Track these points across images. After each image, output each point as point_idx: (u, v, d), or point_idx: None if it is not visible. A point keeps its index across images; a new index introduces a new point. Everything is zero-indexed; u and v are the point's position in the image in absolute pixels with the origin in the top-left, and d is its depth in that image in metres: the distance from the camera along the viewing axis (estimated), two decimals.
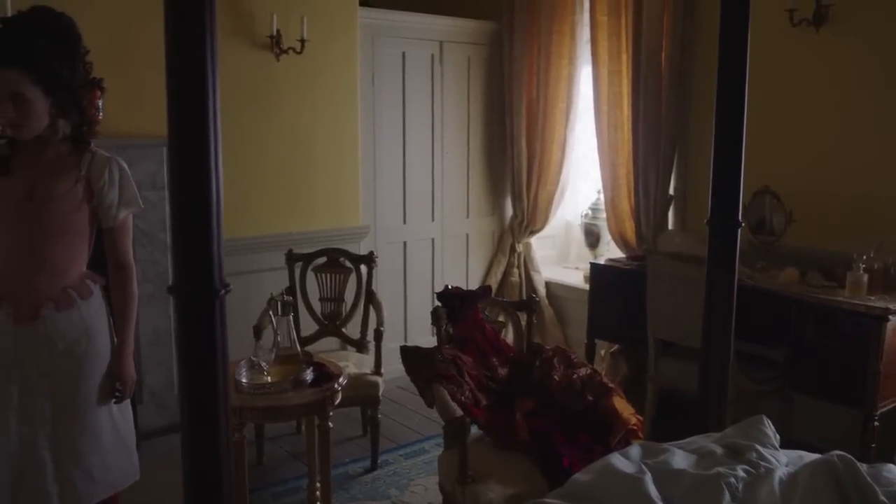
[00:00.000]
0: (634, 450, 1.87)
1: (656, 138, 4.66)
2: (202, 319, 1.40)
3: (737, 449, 1.82)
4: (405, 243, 5.26)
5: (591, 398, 3.05)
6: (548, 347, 3.26)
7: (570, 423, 2.99)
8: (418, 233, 5.32)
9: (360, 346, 4.21)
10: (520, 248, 5.62)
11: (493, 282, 5.62)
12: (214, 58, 1.34)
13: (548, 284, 5.62)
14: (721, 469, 1.71)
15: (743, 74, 2.23)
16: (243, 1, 4.30)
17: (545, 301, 5.52)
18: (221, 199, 1.38)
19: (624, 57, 4.83)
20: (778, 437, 2.00)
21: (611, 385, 3.11)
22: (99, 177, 2.42)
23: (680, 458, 1.80)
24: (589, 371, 3.18)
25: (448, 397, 2.91)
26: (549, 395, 3.07)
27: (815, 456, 1.83)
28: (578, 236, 5.80)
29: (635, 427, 2.99)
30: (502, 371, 3.20)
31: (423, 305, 5.37)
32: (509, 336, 3.84)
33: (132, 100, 3.98)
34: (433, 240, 5.40)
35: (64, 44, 2.32)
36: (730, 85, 2.26)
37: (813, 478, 1.60)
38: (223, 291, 1.40)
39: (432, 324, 3.19)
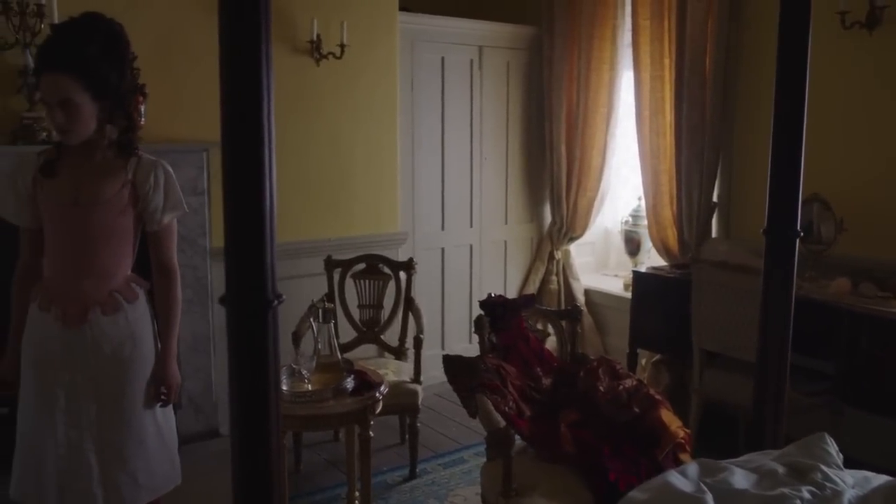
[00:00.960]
0: (692, 468, 1.80)
1: (700, 144, 4.57)
2: (255, 331, 1.36)
3: (800, 469, 1.75)
4: (443, 250, 5.21)
5: (637, 410, 2.97)
6: (592, 357, 3.19)
7: (616, 436, 2.92)
8: (456, 239, 5.27)
9: (399, 353, 4.17)
10: (558, 255, 5.55)
11: (532, 289, 5.55)
12: (269, 63, 1.31)
13: (587, 292, 5.55)
14: (785, 490, 1.64)
15: (803, 80, 2.16)
16: (284, 6, 4.29)
17: (584, 309, 5.44)
18: (275, 209, 1.35)
19: (667, 61, 4.75)
20: (841, 456, 1.93)
21: (657, 397, 3.04)
22: (144, 180, 2.42)
23: (740, 478, 1.73)
24: (635, 382, 3.10)
25: (491, 407, 2.85)
26: (595, 406, 3.00)
27: (884, 478, 1.75)
28: (618, 243, 5.72)
29: (683, 440, 2.91)
30: (546, 381, 3.14)
31: (460, 312, 5.33)
32: (551, 345, 3.77)
33: (173, 105, 3.99)
34: (471, 246, 5.35)
35: (113, 50, 2.33)
36: (789, 90, 2.19)
37: (887, 503, 1.52)
38: (276, 302, 1.37)
39: (475, 332, 3.14)
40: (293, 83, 4.35)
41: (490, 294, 3.23)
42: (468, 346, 5.34)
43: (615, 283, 5.54)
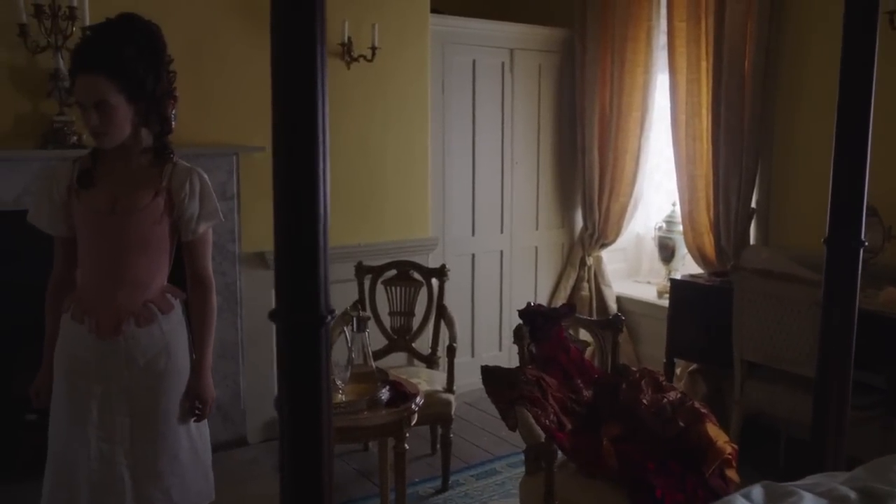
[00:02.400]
0: (757, 491, 1.71)
1: (738, 149, 4.45)
2: (307, 348, 1.28)
3: (874, 494, 1.65)
4: (473, 256, 5.13)
5: (682, 424, 2.87)
6: (634, 369, 3.09)
7: (661, 451, 2.82)
8: (487, 245, 5.18)
9: (430, 361, 4.09)
10: (590, 261, 5.44)
11: (563, 296, 5.45)
12: (324, 65, 1.23)
13: (619, 299, 5.44)
14: None
15: (869, 83, 2.06)
16: None
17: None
18: (329, 220, 1.27)
19: (703, 64, 4.64)
20: None
21: (703, 410, 2.93)
22: (180, 188, 2.35)
23: (810, 503, 1.64)
24: (679, 395, 3.00)
25: (532, 421, 2.76)
26: (638, 420, 2.89)
27: None
28: (650, 249, 5.61)
29: (730, 456, 2.81)
30: (587, 393, 3.04)
31: (490, 320, 5.24)
32: (589, 355, 3.68)
33: (202, 109, 3.94)
34: (502, 252, 5.26)
35: (150, 51, 2.26)
36: (853, 94, 2.09)
37: None
38: (330, 318, 1.29)
39: (514, 342, 3.05)
40: None
41: (529, 303, 3.14)
42: (498, 354, 5.26)
43: (648, 290, 5.42)
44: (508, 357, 5.31)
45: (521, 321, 3.05)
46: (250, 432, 4.29)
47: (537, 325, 3.03)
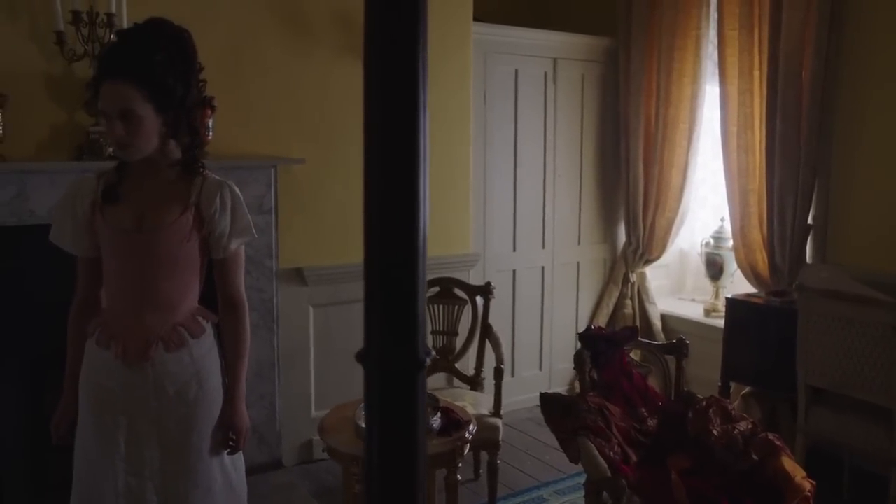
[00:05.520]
0: None
1: (795, 162, 4.26)
2: (403, 396, 1.11)
3: None
4: (514, 272, 4.95)
5: (756, 457, 2.69)
6: (701, 397, 2.91)
7: (733, 486, 2.64)
8: (528, 261, 5.01)
9: (475, 383, 3.92)
10: (633, 277, 5.26)
11: (605, 313, 5.27)
12: (425, 70, 1.07)
13: (663, 317, 5.24)
14: None
15: None
16: (355, 16, 4.09)
17: (660, 335, 5.14)
18: (426, 253, 1.10)
19: (756, 74, 4.46)
20: None
21: (777, 442, 2.74)
22: (210, 203, 2.18)
23: None
24: (750, 425, 2.81)
25: (596, 453, 2.59)
26: (708, 452, 2.71)
27: None
28: (695, 266, 5.42)
29: (809, 494, 2.62)
30: (651, 422, 2.86)
31: (531, 337, 5.07)
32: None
33: (240, 119, 3.81)
34: (543, 268, 5.08)
35: (180, 59, 2.09)
36: None
37: None
38: (428, 360, 1.12)
39: (574, 368, 2.87)
40: None
41: (590, 326, 2.98)
42: (538, 373, 5.09)
43: (694, 308, 5.23)
44: (549, 377, 5.14)
45: (581, 345, 2.87)
46: (286, 455, 4.14)
47: (599, 349, 2.85)
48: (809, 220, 4.32)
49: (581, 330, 5.16)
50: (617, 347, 2.90)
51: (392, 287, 1.12)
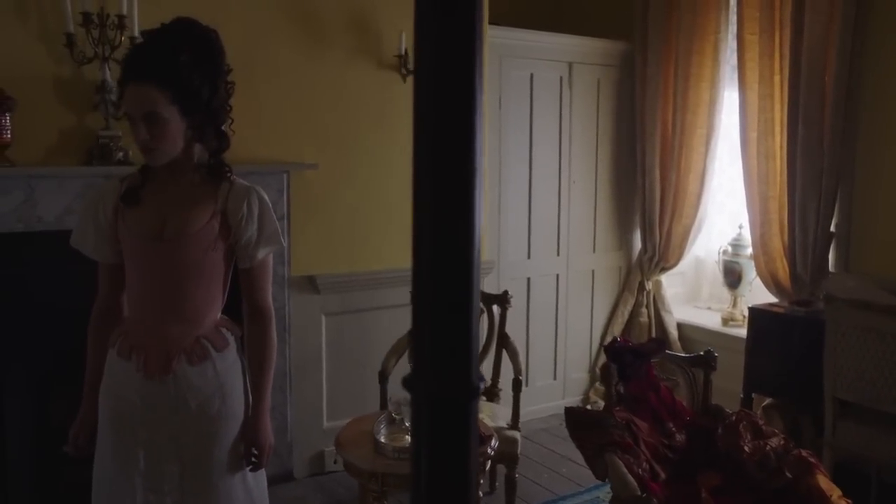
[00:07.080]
0: None
1: (817, 169, 4.17)
2: (455, 424, 1.02)
3: None
4: (529, 280, 4.86)
5: (789, 475, 2.59)
6: (730, 411, 2.81)
7: None
8: (543, 268, 4.91)
9: (491, 394, 3.83)
10: (649, 285, 5.16)
11: (620, 322, 5.18)
12: (481, 71, 0.98)
13: (679, 326, 5.15)
14: None
15: None
16: (370, 19, 4.01)
17: (677, 345, 5.05)
18: (480, 273, 1.01)
19: (777, 79, 4.38)
20: None
21: (811, 459, 2.65)
22: (237, 209, 2.10)
23: None
24: (782, 441, 2.72)
25: (625, 471, 2.49)
26: (740, 469, 2.62)
27: None
28: (712, 274, 5.33)
29: None
30: (679, 438, 2.77)
31: (545, 346, 4.97)
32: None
33: (252, 124, 3.70)
34: (557, 276, 4.99)
35: (207, 60, 2.02)
36: None
37: None
38: (481, 387, 1.03)
39: (600, 383, 2.78)
40: (379, 99, 4.06)
41: (616, 338, 2.88)
42: (552, 383, 4.99)
43: (710, 316, 5.13)
44: (563, 386, 5.04)
45: (607, 358, 2.78)
46: (297, 467, 4.04)
47: (626, 362, 2.76)
48: (832, 228, 4.24)
49: (599, 340, 5.12)
50: (644, 360, 2.81)
51: (444, 307, 1.02)
